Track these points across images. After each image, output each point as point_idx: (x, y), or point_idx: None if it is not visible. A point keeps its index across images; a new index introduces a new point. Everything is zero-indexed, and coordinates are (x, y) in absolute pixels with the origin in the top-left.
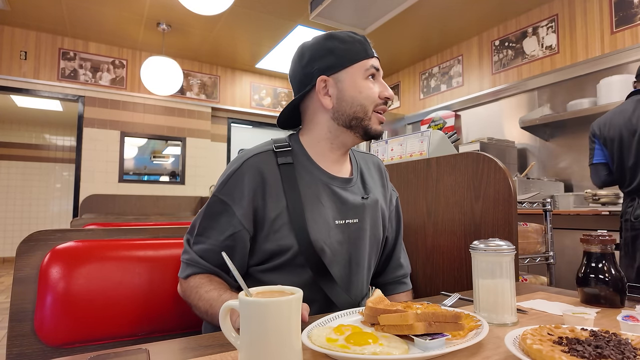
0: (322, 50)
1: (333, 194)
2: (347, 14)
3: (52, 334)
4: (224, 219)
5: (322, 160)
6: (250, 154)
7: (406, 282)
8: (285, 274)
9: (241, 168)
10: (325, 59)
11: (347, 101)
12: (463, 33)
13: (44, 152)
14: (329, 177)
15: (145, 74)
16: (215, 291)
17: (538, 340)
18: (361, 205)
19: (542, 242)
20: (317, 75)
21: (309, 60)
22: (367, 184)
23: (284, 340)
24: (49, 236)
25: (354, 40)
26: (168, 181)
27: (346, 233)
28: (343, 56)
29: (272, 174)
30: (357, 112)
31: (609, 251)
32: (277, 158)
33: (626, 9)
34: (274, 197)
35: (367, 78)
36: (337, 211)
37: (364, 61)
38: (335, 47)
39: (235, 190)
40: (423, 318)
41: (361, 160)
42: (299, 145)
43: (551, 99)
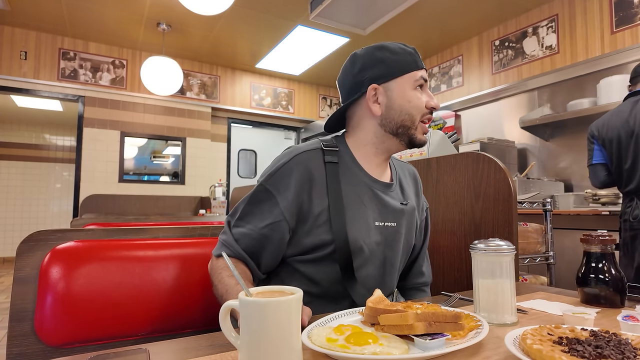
0: (373, 59)
1: (375, 196)
2: (347, 14)
3: (52, 334)
4: (266, 207)
5: (366, 163)
6: (300, 150)
7: (426, 290)
8: (321, 267)
9: (290, 162)
10: (376, 68)
11: (396, 110)
12: (463, 33)
13: (44, 152)
14: (371, 180)
15: (145, 74)
16: (233, 279)
17: (538, 340)
18: (400, 210)
19: (542, 242)
20: (368, 84)
21: (361, 69)
22: (405, 190)
23: (284, 340)
24: (49, 236)
25: (404, 51)
26: (168, 181)
27: (384, 235)
28: (394, 66)
29: (319, 171)
30: (405, 121)
31: (609, 251)
32: (325, 156)
33: (626, 9)
34: (319, 194)
35: (415, 88)
36: (377, 213)
37: (413, 72)
38: (387, 57)
39: (281, 182)
40: (423, 318)
41: (399, 168)
42: (345, 147)
43: (551, 99)
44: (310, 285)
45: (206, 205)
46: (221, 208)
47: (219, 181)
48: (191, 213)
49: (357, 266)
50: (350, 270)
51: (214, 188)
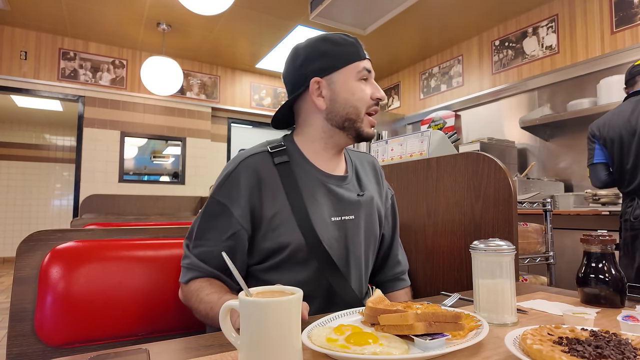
0: (315, 52)
1: (329, 191)
2: (347, 14)
3: (52, 334)
4: (222, 220)
5: (317, 159)
6: (245, 155)
7: (404, 278)
8: (285, 271)
9: (237, 169)
10: (318, 60)
11: (340, 102)
12: (463, 33)
13: (44, 152)
14: (324, 175)
15: (145, 74)
16: (215, 294)
17: (538, 340)
18: (357, 201)
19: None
20: (311, 77)
21: (303, 62)
22: (362, 181)
23: (284, 340)
24: (49, 236)
25: (346, 42)
26: (168, 181)
27: (342, 229)
28: (336, 58)
29: (268, 174)
30: (350, 114)
31: (609, 251)
32: (274, 158)
33: (626, 9)
34: (270, 196)
35: (359, 80)
36: (333, 208)
37: (356, 63)
38: (329, 49)
39: (232, 191)
40: (423, 318)
41: (356, 159)
42: (294, 145)
43: (551, 99)
44: None
45: None
46: None
47: None
48: (191, 213)
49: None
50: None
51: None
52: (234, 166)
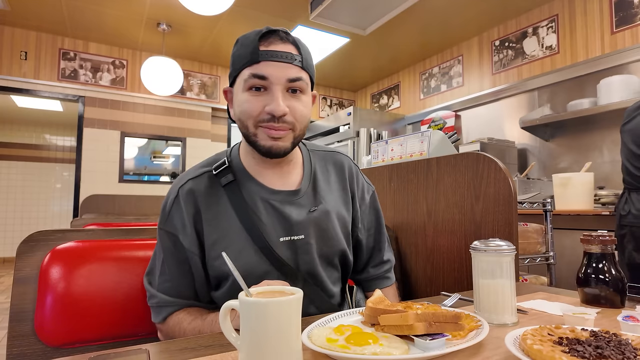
0: (231, 57)
1: (274, 209)
2: (347, 14)
3: (53, 334)
4: (176, 251)
5: (259, 174)
6: (183, 180)
7: (390, 276)
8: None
9: (178, 197)
10: (231, 66)
11: (236, 116)
12: (463, 33)
13: (44, 152)
14: (269, 192)
15: (145, 74)
16: (198, 319)
17: (538, 340)
18: (306, 219)
19: (542, 242)
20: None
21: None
22: (318, 193)
23: (284, 341)
24: (49, 236)
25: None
26: (168, 181)
27: (293, 250)
28: (233, 64)
29: (208, 198)
30: (241, 128)
31: (609, 251)
32: (220, 179)
33: (626, 9)
34: (211, 221)
35: (247, 91)
36: (280, 228)
37: (244, 70)
38: (234, 53)
39: (175, 219)
40: (423, 318)
41: (319, 162)
42: (238, 160)
43: (551, 99)
44: None
45: None
46: None
47: None
48: None
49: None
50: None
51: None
52: (174, 194)
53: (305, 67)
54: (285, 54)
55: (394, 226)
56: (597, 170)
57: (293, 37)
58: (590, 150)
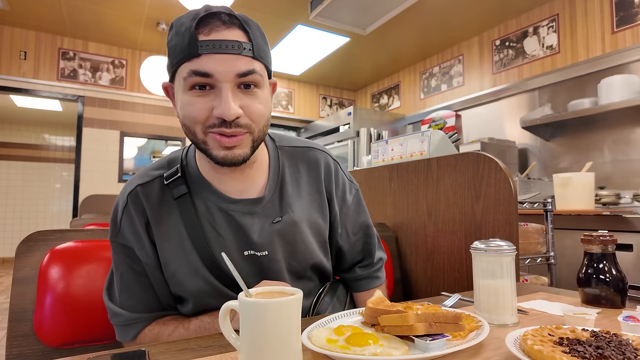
0: (167, 46)
1: (233, 221)
2: (347, 14)
3: (52, 334)
4: (133, 264)
5: (216, 179)
6: (133, 185)
7: (380, 275)
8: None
9: (127, 205)
10: (168, 58)
11: (180, 120)
12: (463, 33)
13: (44, 152)
14: (226, 201)
15: (144, 74)
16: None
17: (539, 340)
18: (269, 233)
19: (542, 242)
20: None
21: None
22: (284, 200)
23: (284, 341)
24: (48, 236)
25: (181, 29)
26: None
27: (257, 265)
28: (170, 56)
29: (157, 209)
30: (188, 135)
31: (609, 251)
32: (172, 190)
33: (627, 9)
34: (163, 238)
35: (189, 90)
36: (242, 241)
37: (182, 65)
38: (168, 42)
39: (127, 230)
40: (423, 319)
41: (288, 162)
42: (193, 164)
43: (552, 99)
44: None
45: None
46: None
47: None
48: None
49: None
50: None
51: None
52: (123, 203)
53: (258, 55)
54: (231, 42)
55: (394, 226)
56: (597, 170)
57: (239, 19)
58: (591, 150)
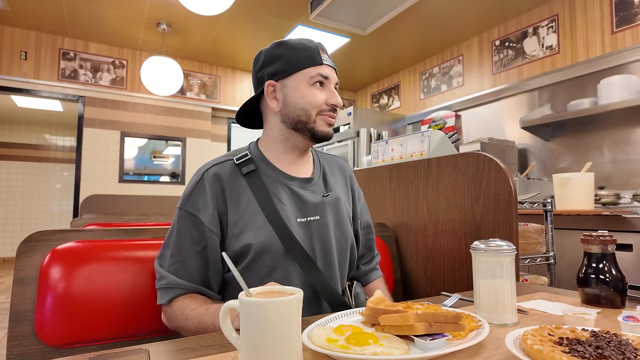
0: (272, 56)
1: (292, 193)
2: (347, 14)
3: (53, 335)
4: (195, 231)
5: (279, 162)
6: (209, 165)
7: (377, 268)
8: (253, 275)
9: (201, 179)
10: (274, 64)
11: (291, 105)
12: (463, 33)
13: (44, 152)
14: (287, 178)
15: (145, 74)
16: (201, 307)
17: (539, 340)
18: (321, 202)
19: (542, 242)
20: (266, 80)
21: (261, 66)
22: (328, 182)
23: (284, 341)
24: (49, 236)
25: (303, 47)
26: (168, 181)
27: (308, 230)
28: (289, 63)
29: (232, 181)
30: (300, 116)
31: (609, 251)
32: (241, 169)
33: (627, 9)
34: (235, 202)
35: (313, 85)
36: (297, 209)
37: (310, 69)
38: (283, 54)
39: (199, 200)
40: (423, 318)
41: (325, 161)
42: (258, 152)
43: (552, 99)
44: None
45: None
46: None
47: None
48: None
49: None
50: (311, 261)
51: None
52: (198, 177)
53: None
54: (333, 63)
55: (394, 226)
56: (597, 170)
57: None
58: (590, 150)
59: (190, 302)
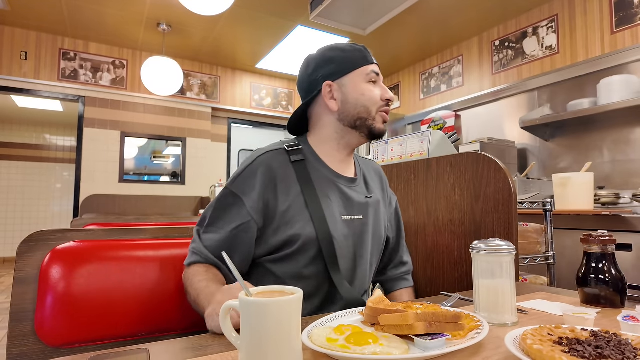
0: (325, 59)
1: (339, 191)
2: (347, 15)
3: (53, 334)
4: (234, 210)
5: (329, 159)
6: (263, 151)
7: (408, 278)
8: (291, 264)
9: (254, 163)
10: (328, 66)
11: (352, 103)
12: (463, 33)
13: (45, 152)
14: (335, 176)
15: (145, 74)
16: (205, 281)
17: (538, 340)
18: (365, 203)
19: (542, 242)
20: (322, 81)
21: (315, 69)
22: (369, 185)
23: (284, 340)
24: (49, 236)
25: (354, 49)
26: (168, 181)
27: (351, 228)
28: (345, 63)
29: (284, 170)
30: (361, 113)
31: (609, 251)
32: (290, 156)
33: (626, 9)
34: (285, 191)
35: (368, 82)
36: (343, 207)
37: (364, 67)
38: (337, 55)
39: (246, 183)
40: (423, 318)
41: (363, 164)
42: (308, 146)
43: (551, 99)
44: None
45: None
46: None
47: (219, 181)
48: (191, 213)
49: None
50: (334, 259)
51: (214, 188)
52: (251, 161)
53: None
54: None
55: None
56: (597, 170)
57: None
58: (590, 150)
59: (202, 272)
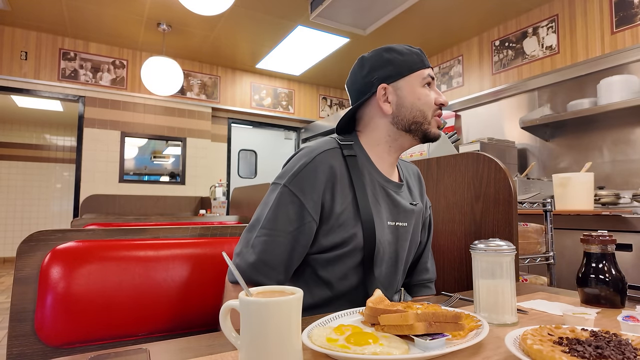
0: (382, 61)
1: (388, 196)
2: (347, 15)
3: (53, 334)
4: (293, 211)
5: (379, 162)
6: (321, 149)
7: (431, 287)
8: (337, 266)
9: (313, 162)
10: (384, 68)
11: (407, 107)
12: (463, 33)
13: (45, 152)
14: (384, 180)
15: (145, 74)
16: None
17: (538, 340)
18: (411, 210)
19: (542, 242)
20: (378, 84)
21: (370, 70)
22: (412, 191)
23: (284, 340)
24: (49, 236)
25: (411, 52)
26: (168, 181)
27: (395, 235)
28: (402, 66)
29: (340, 170)
30: (417, 117)
31: (609, 251)
32: (343, 150)
33: (626, 9)
34: (341, 192)
35: (424, 86)
36: (389, 213)
37: (421, 71)
38: (394, 58)
39: (305, 183)
40: (423, 318)
41: (404, 168)
42: (359, 145)
43: (551, 99)
44: (325, 287)
45: (206, 206)
46: (221, 208)
47: (219, 181)
48: (191, 213)
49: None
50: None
51: (214, 188)
52: (309, 159)
53: None
54: None
55: None
56: (597, 170)
57: None
58: (590, 150)
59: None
